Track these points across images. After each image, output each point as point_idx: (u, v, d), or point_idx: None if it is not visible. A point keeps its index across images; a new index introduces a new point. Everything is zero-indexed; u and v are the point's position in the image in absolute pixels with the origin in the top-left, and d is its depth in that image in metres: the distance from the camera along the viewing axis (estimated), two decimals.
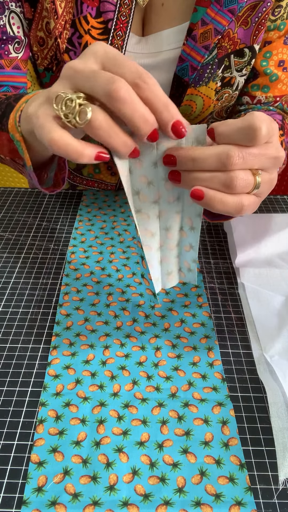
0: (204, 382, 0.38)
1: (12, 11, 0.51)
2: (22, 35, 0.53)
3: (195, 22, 0.48)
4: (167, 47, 0.53)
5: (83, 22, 0.49)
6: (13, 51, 0.54)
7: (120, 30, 0.50)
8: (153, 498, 0.31)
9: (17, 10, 0.52)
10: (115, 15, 0.49)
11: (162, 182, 0.33)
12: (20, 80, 0.56)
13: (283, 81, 0.55)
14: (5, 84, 0.56)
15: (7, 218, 0.60)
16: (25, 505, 0.30)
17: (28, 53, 0.55)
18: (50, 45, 0.53)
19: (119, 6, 0.49)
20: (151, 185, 0.33)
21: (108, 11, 0.49)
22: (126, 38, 0.50)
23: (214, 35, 0.48)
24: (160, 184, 0.33)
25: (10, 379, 0.38)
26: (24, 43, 0.54)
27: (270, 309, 0.45)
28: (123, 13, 0.49)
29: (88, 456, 0.33)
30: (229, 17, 0.47)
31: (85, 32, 0.50)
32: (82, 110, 0.28)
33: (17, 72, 0.55)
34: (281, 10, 0.49)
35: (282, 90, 0.56)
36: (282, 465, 0.32)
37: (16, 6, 0.51)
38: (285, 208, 0.63)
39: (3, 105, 0.46)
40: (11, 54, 0.54)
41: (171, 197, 0.34)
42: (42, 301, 0.47)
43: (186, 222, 0.36)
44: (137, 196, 0.34)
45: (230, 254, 0.54)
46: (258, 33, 0.50)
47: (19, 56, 0.54)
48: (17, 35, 0.53)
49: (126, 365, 0.40)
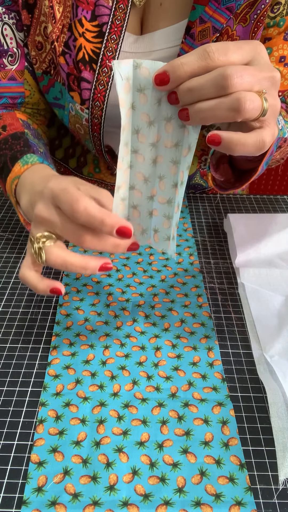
0: (204, 382, 0.38)
1: (5, 23, 0.52)
2: (15, 46, 0.54)
3: (193, 20, 0.48)
4: (165, 45, 0.53)
5: (77, 25, 0.49)
6: (8, 64, 0.54)
7: (115, 33, 0.50)
8: (153, 498, 0.31)
9: (9, 22, 0.52)
10: (110, 18, 0.49)
11: (163, 123, 0.32)
12: (17, 91, 0.57)
13: (284, 76, 0.55)
14: (3, 95, 0.56)
15: (7, 218, 0.60)
16: (25, 505, 0.30)
17: (23, 63, 0.55)
18: (48, 49, 0.53)
19: (114, 10, 0.49)
20: (151, 126, 0.32)
21: (103, 14, 0.49)
22: (120, 41, 0.50)
23: (212, 33, 0.48)
24: (161, 124, 0.32)
25: (10, 379, 0.38)
26: (18, 55, 0.54)
27: (270, 309, 0.45)
28: (117, 17, 0.49)
29: (88, 456, 0.33)
30: (227, 14, 0.47)
31: (80, 35, 0.50)
32: (39, 253, 0.34)
33: (14, 83, 0.56)
34: (280, 7, 0.49)
35: (284, 85, 0.56)
36: (282, 465, 0.32)
37: (9, 18, 0.52)
38: (285, 208, 0.63)
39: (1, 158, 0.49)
40: (6, 66, 0.54)
41: (169, 142, 0.33)
42: (42, 301, 0.47)
43: (180, 176, 0.34)
44: (136, 136, 0.33)
45: (230, 254, 0.54)
46: (257, 30, 0.50)
47: (14, 68, 0.55)
48: (10, 48, 0.54)
49: (126, 365, 0.40)
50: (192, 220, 0.60)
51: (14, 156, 0.48)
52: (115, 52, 0.51)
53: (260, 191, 1.17)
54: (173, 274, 0.51)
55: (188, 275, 0.50)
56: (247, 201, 0.65)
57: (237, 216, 0.57)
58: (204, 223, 0.60)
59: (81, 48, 0.50)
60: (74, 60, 0.51)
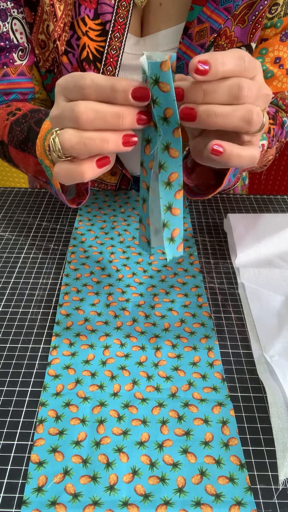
0: (204, 382, 0.38)
1: (14, 18, 0.52)
2: (26, 41, 0.54)
3: (191, 20, 0.49)
4: (164, 47, 0.53)
5: (81, 24, 0.49)
6: (17, 59, 0.54)
7: (118, 31, 0.50)
8: (153, 498, 0.31)
9: (19, 17, 0.52)
10: (112, 16, 0.49)
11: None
12: (26, 86, 0.57)
13: (278, 78, 0.55)
14: (13, 91, 0.56)
15: (7, 218, 0.60)
16: (25, 505, 0.30)
17: (32, 58, 0.55)
18: (51, 48, 0.53)
19: (117, 8, 0.49)
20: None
21: (106, 13, 0.49)
22: (124, 39, 0.50)
23: (209, 33, 0.49)
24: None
25: (10, 379, 0.38)
26: (28, 49, 0.54)
27: (270, 309, 0.45)
28: (120, 15, 0.49)
29: (88, 456, 0.33)
30: (225, 15, 0.47)
31: (83, 34, 0.50)
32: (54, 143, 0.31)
33: (23, 78, 0.56)
34: (277, 8, 0.49)
35: (277, 87, 0.56)
36: (282, 465, 0.32)
37: (18, 12, 0.52)
38: (285, 208, 0.63)
39: (24, 127, 0.47)
40: (16, 62, 0.54)
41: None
42: (42, 301, 0.47)
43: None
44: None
45: (230, 254, 0.54)
46: (255, 31, 0.50)
47: (24, 63, 0.55)
48: (21, 42, 0.54)
49: (126, 365, 0.40)
50: (192, 220, 0.60)
51: (38, 120, 0.47)
52: (119, 50, 0.51)
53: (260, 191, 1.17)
54: (173, 274, 0.51)
55: (188, 275, 0.51)
56: (247, 201, 0.65)
57: (237, 216, 0.57)
58: (204, 223, 0.60)
59: (84, 47, 0.50)
60: (78, 59, 0.51)
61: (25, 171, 0.53)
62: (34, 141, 0.46)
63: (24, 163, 0.51)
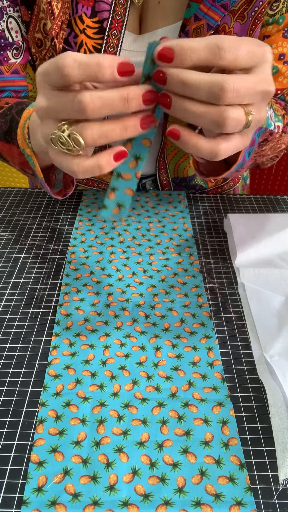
0: (204, 382, 0.38)
1: (10, 16, 0.52)
2: (21, 40, 0.54)
3: (188, 17, 0.49)
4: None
5: (78, 22, 0.49)
6: (12, 57, 0.54)
7: (115, 29, 0.50)
8: (153, 498, 0.31)
9: (15, 15, 0.52)
10: (110, 14, 0.49)
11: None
12: (20, 84, 0.57)
13: (283, 74, 0.54)
14: (6, 89, 0.56)
15: (7, 218, 0.60)
16: (25, 505, 0.30)
17: (27, 57, 0.55)
18: (48, 46, 0.53)
19: (114, 6, 0.49)
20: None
21: (103, 10, 0.49)
22: (122, 37, 0.50)
23: (206, 30, 0.49)
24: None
25: (10, 379, 0.38)
26: (23, 48, 0.54)
27: (270, 309, 0.45)
28: (118, 13, 0.49)
29: (88, 456, 0.33)
30: (222, 12, 0.47)
31: (80, 32, 0.50)
32: (74, 139, 0.30)
33: (17, 76, 0.56)
34: (279, 4, 0.49)
35: (283, 83, 0.55)
36: (282, 465, 0.32)
37: (14, 11, 0.52)
38: (285, 208, 0.63)
39: (8, 117, 0.47)
40: (10, 60, 0.54)
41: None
42: (42, 301, 0.47)
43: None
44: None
45: (230, 254, 0.54)
46: (255, 28, 0.50)
47: (18, 61, 0.55)
48: (16, 41, 0.54)
49: (126, 365, 0.40)
50: (192, 220, 0.60)
51: (20, 110, 0.46)
52: (116, 47, 0.51)
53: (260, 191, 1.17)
54: (173, 274, 0.51)
55: (188, 275, 0.51)
56: (247, 201, 0.65)
57: (237, 216, 0.57)
58: (204, 223, 0.60)
59: (82, 45, 0.50)
60: None
61: (13, 164, 0.52)
62: (16, 131, 0.45)
63: (10, 155, 0.50)
